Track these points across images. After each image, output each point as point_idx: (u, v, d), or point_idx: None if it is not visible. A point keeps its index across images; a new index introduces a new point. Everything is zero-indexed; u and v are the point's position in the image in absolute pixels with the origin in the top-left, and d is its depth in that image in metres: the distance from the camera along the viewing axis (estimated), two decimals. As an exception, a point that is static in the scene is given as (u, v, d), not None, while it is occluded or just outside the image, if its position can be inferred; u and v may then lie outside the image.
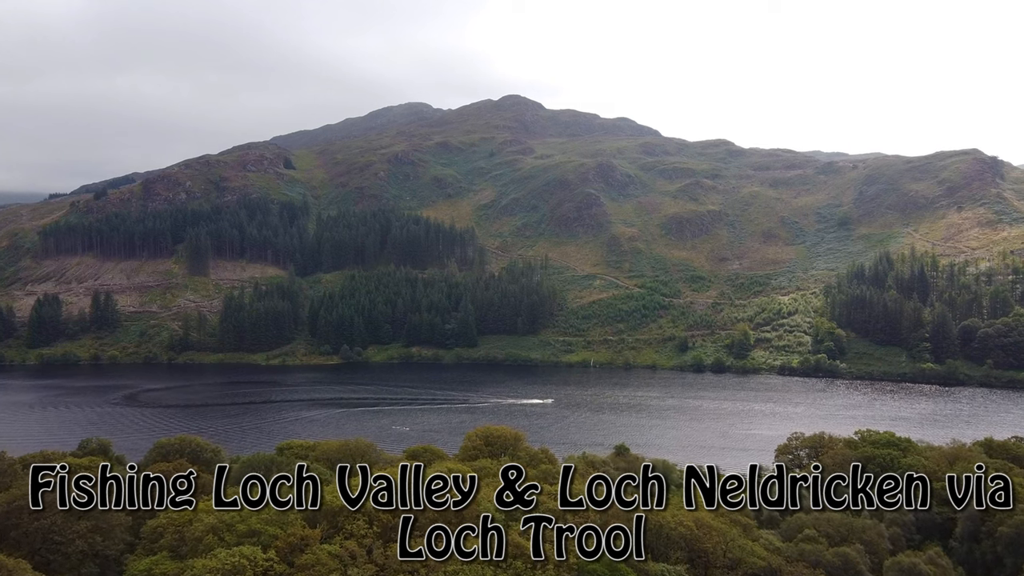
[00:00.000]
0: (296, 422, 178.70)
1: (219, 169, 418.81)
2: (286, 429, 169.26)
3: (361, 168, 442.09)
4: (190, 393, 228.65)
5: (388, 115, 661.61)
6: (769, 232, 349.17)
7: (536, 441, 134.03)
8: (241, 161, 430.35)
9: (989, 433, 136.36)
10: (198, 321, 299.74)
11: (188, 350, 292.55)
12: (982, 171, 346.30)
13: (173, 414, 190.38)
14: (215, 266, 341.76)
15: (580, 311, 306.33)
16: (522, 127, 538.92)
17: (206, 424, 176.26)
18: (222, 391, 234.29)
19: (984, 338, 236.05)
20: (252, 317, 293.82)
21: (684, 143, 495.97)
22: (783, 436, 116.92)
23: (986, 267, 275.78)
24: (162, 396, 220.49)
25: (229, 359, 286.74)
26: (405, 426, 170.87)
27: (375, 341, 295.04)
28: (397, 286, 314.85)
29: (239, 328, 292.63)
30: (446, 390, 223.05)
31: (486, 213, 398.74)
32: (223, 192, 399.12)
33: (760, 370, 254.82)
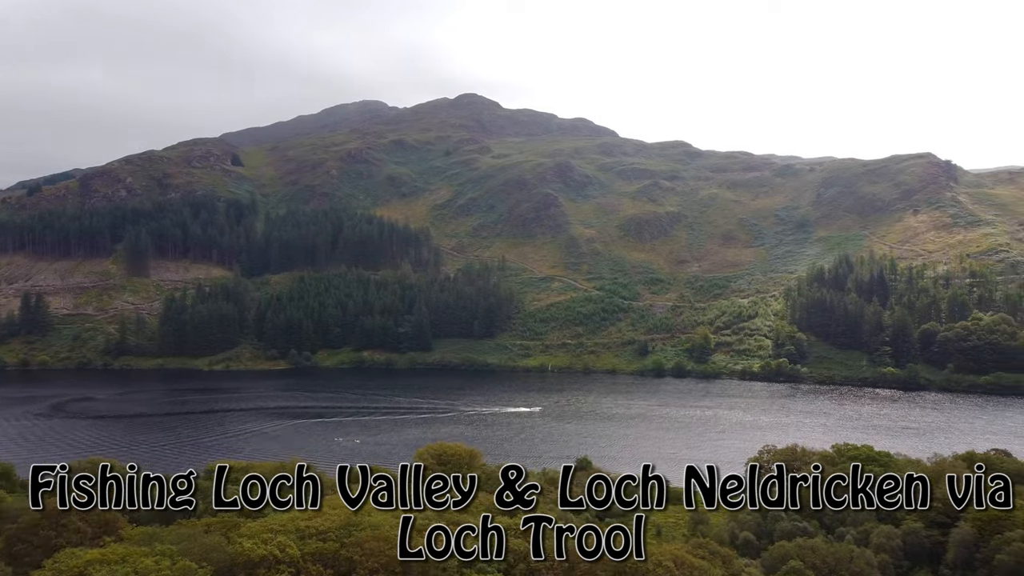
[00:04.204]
0: (239, 436, 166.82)
1: (163, 165, 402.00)
2: (226, 444, 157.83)
3: (313, 166, 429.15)
4: (125, 402, 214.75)
5: (342, 112, 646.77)
6: (728, 234, 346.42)
7: (495, 456, 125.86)
8: (186, 157, 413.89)
9: (965, 443, 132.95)
10: (136, 324, 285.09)
11: (125, 355, 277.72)
12: (937, 175, 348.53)
13: (103, 427, 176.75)
14: (156, 266, 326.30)
15: (538, 314, 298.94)
16: (479, 126, 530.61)
17: (139, 438, 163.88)
18: (160, 399, 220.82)
19: (944, 342, 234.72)
20: (194, 320, 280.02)
21: (642, 144, 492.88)
22: (754, 447, 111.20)
23: (944, 270, 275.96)
24: (93, 406, 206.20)
25: (169, 364, 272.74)
26: (356, 438, 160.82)
27: (325, 345, 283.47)
28: (348, 288, 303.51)
29: (180, 331, 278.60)
30: (400, 397, 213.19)
31: (442, 213, 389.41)
32: (166, 189, 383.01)
33: (721, 375, 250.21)
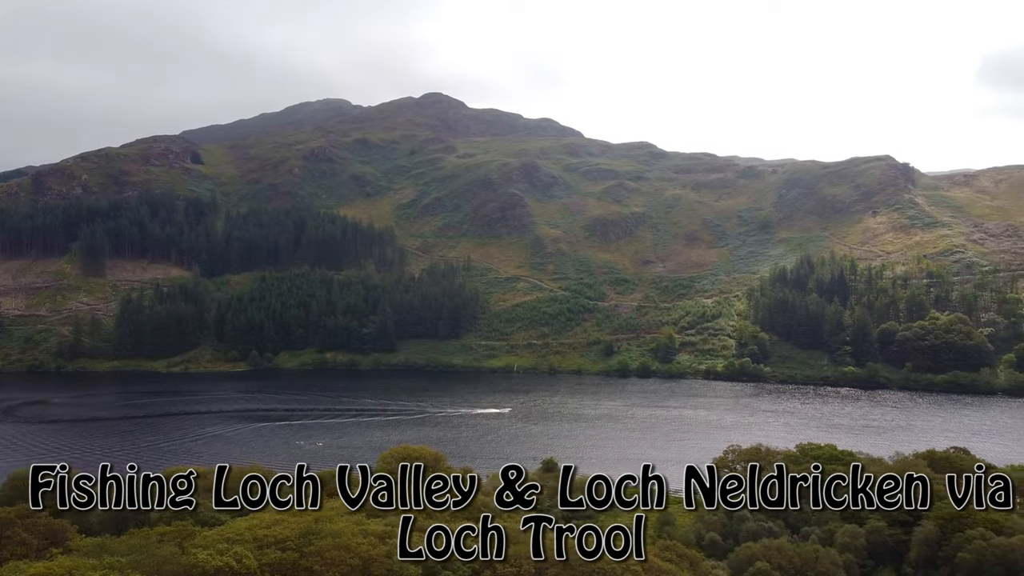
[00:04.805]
0: (198, 440, 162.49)
1: (120, 163, 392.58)
2: (185, 448, 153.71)
3: (275, 164, 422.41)
4: (79, 406, 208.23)
5: (305, 110, 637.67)
6: (692, 235, 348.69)
7: (461, 458, 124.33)
8: (144, 155, 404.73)
9: (925, 441, 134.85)
10: (91, 325, 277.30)
11: (80, 357, 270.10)
12: (895, 177, 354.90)
13: (55, 432, 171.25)
14: (112, 266, 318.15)
15: (504, 314, 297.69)
16: (444, 126, 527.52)
17: (93, 443, 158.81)
18: (116, 403, 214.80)
19: (902, 341, 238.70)
20: (152, 321, 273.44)
21: (607, 145, 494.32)
22: (719, 446, 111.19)
23: (902, 271, 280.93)
24: (46, 410, 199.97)
25: (125, 366, 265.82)
26: (319, 442, 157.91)
27: (287, 347, 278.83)
28: (311, 288, 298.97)
29: (137, 333, 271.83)
30: (366, 399, 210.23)
31: (407, 213, 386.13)
32: (124, 187, 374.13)
33: (686, 374, 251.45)
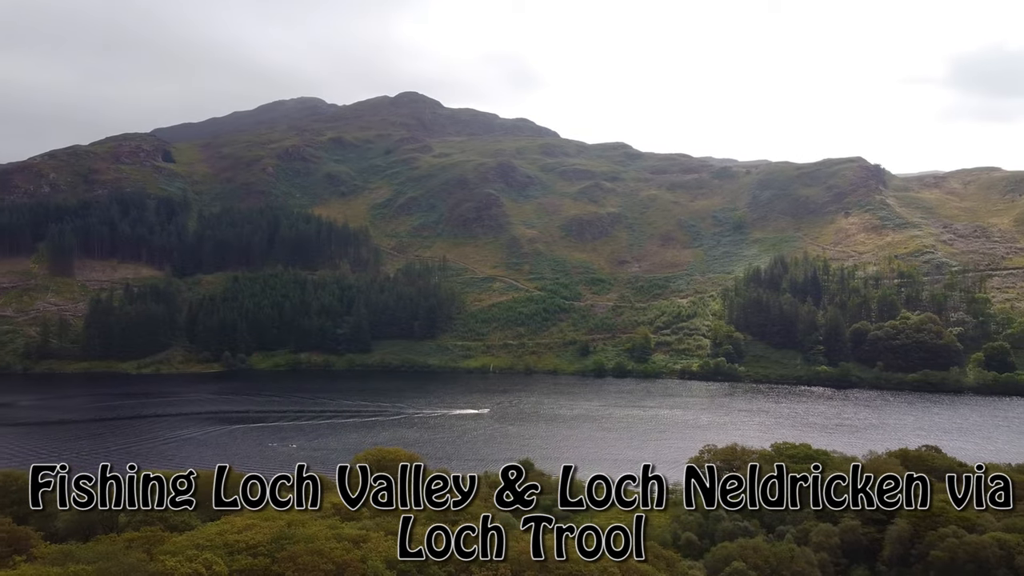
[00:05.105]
0: (170, 443, 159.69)
1: (89, 161, 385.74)
2: (157, 452, 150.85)
3: (248, 163, 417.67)
4: (47, 408, 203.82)
5: (279, 109, 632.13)
6: (667, 235, 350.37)
7: (437, 460, 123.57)
8: (114, 153, 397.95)
9: (897, 440, 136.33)
10: (59, 326, 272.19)
11: (48, 358, 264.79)
12: (867, 178, 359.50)
13: (21, 436, 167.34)
14: (81, 266, 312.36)
15: (479, 314, 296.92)
16: (420, 125, 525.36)
17: (61, 447, 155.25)
18: (86, 405, 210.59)
19: (874, 340, 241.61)
20: (122, 322, 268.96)
21: (583, 145, 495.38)
22: (695, 446, 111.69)
23: (874, 271, 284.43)
24: (13, 413, 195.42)
25: (95, 368, 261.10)
26: (293, 444, 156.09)
27: (260, 347, 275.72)
28: (285, 288, 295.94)
29: (107, 334, 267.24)
30: (341, 400, 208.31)
31: (382, 212, 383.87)
32: (93, 186, 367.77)
33: (661, 374, 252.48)
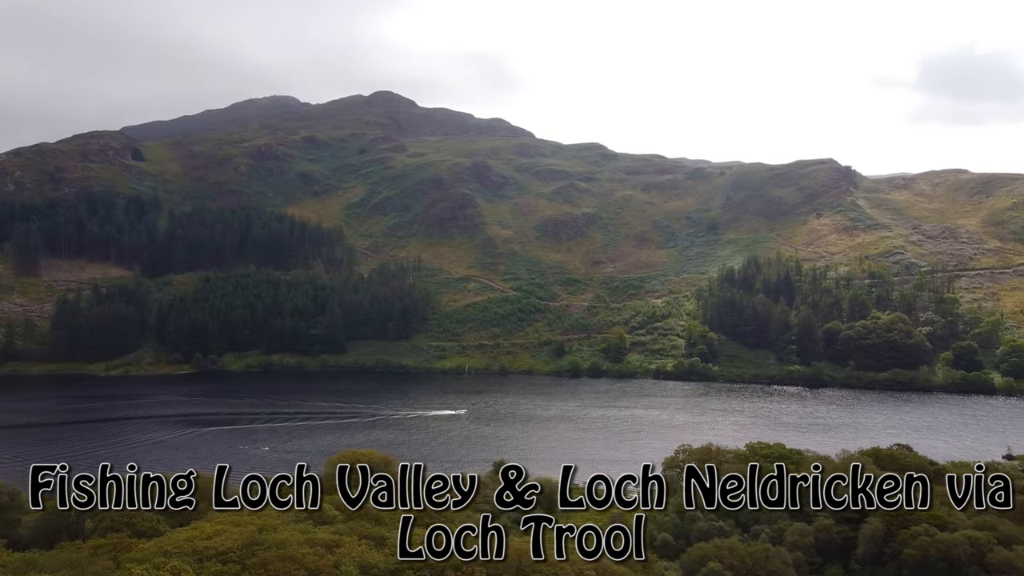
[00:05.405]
0: (140, 446, 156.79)
1: (56, 159, 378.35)
2: (126, 455, 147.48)
3: (220, 162, 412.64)
4: (12, 411, 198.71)
5: (252, 107, 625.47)
6: (642, 235, 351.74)
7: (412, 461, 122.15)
8: (82, 151, 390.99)
9: (869, 438, 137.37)
10: (25, 327, 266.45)
11: (12, 360, 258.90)
12: (838, 179, 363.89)
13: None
14: (48, 266, 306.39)
15: (454, 315, 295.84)
16: (394, 124, 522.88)
17: (25, 451, 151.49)
18: (52, 408, 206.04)
19: (845, 340, 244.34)
20: (90, 322, 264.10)
21: (558, 145, 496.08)
22: (670, 446, 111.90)
23: (845, 271, 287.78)
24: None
25: (62, 369, 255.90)
26: (265, 446, 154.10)
27: (232, 348, 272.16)
28: (257, 288, 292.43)
29: (74, 335, 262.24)
30: (316, 402, 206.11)
31: (356, 212, 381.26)
32: (60, 184, 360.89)
33: (636, 374, 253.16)
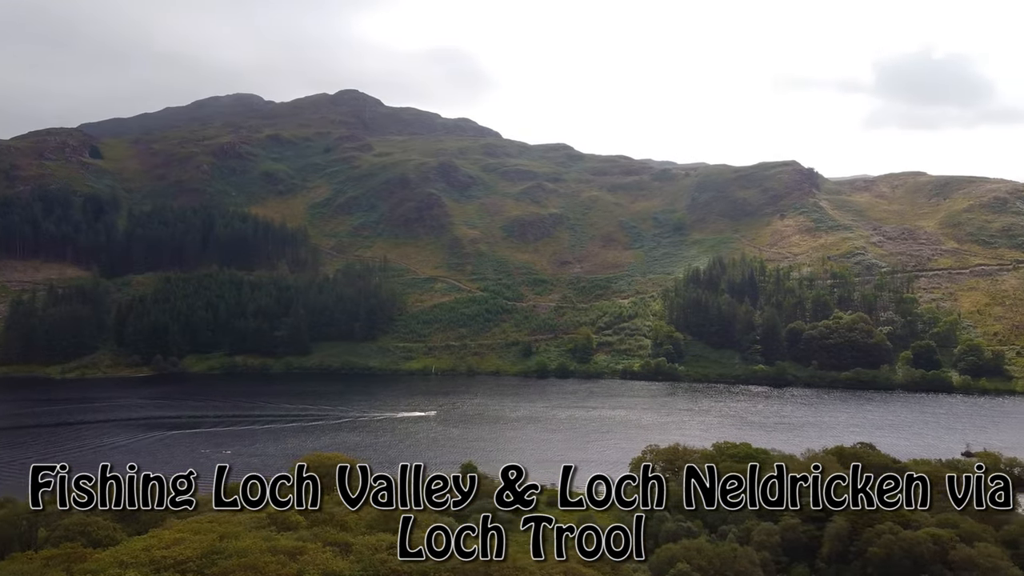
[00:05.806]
0: (98, 451, 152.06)
1: (10, 156, 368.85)
2: (84, 460, 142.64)
3: (182, 160, 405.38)
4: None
5: (214, 105, 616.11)
6: (609, 236, 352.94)
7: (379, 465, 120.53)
8: (37, 148, 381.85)
9: (833, 437, 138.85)
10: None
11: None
12: (801, 181, 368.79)
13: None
14: (2, 266, 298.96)
15: (421, 315, 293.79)
16: (360, 123, 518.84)
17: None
18: (5, 412, 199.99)
19: (808, 340, 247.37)
20: (45, 324, 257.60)
21: (525, 146, 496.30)
22: (638, 446, 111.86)
23: (808, 272, 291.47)
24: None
25: (16, 372, 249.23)
26: (227, 450, 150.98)
27: (194, 350, 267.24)
28: (220, 289, 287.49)
29: (28, 337, 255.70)
30: (282, 404, 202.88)
31: (321, 212, 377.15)
32: (14, 182, 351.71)
33: (604, 374, 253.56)
